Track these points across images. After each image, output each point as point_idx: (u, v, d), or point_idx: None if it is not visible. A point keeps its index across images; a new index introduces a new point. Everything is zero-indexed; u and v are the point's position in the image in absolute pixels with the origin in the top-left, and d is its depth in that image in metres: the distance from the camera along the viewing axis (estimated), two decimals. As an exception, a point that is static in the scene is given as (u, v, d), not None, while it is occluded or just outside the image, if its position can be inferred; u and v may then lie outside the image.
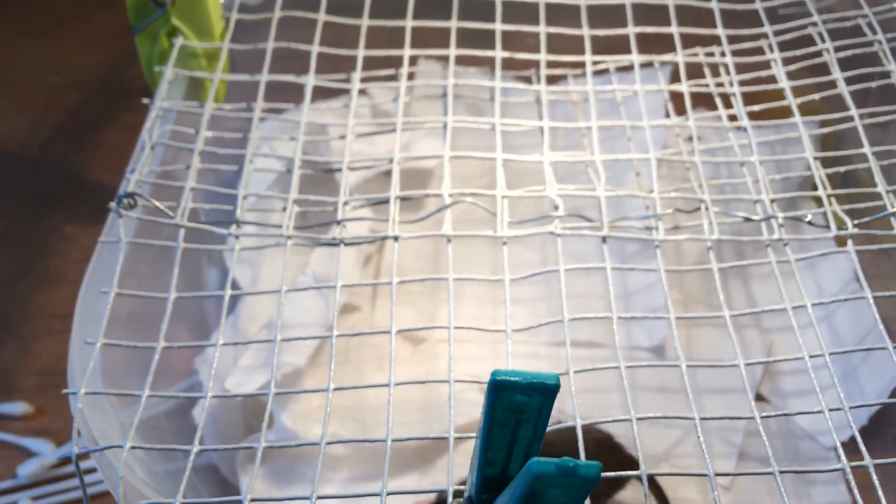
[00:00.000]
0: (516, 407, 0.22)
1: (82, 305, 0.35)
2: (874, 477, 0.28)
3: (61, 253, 0.58)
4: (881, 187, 0.36)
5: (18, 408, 0.51)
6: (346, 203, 0.38)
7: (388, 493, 0.28)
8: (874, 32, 0.42)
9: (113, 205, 0.37)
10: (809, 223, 0.36)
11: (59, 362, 0.53)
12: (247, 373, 0.42)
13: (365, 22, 0.45)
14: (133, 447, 0.30)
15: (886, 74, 0.40)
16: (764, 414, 0.30)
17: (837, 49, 0.42)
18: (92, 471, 0.46)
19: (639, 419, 0.30)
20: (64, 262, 0.58)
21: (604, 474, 0.25)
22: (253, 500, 0.28)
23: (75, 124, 0.67)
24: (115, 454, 0.31)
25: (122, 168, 0.49)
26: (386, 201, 0.38)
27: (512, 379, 0.21)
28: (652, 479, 0.36)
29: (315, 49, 0.44)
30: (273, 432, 0.42)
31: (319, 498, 0.28)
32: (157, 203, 0.36)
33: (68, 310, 0.56)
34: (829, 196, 0.36)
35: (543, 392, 0.21)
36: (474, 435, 0.25)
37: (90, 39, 0.73)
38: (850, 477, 0.28)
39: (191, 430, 0.41)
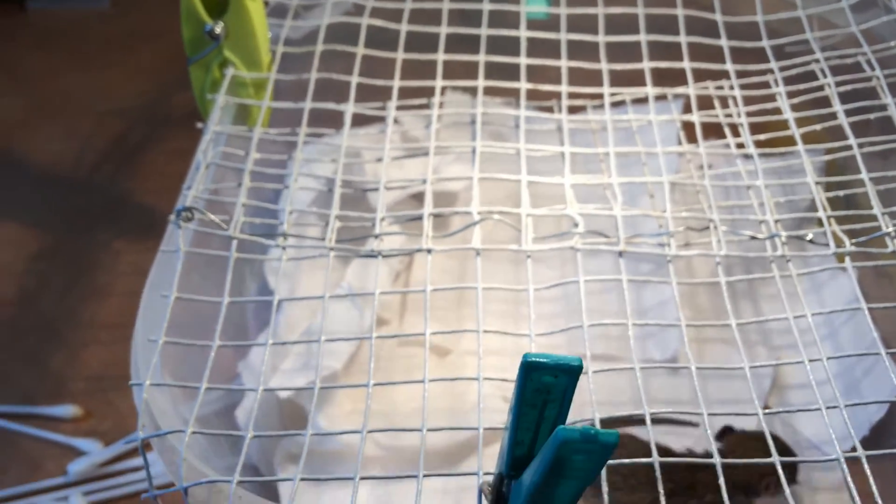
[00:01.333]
0: (544, 388, 0.25)
1: (144, 308, 0.39)
2: (867, 467, 0.30)
3: (108, 267, 0.62)
4: (877, 210, 0.39)
5: (69, 410, 0.55)
6: (382, 219, 0.41)
7: (425, 475, 0.31)
8: (872, 69, 0.45)
9: (172, 217, 0.40)
10: (811, 241, 0.39)
11: (106, 369, 0.56)
12: (288, 375, 0.45)
13: (400, 55, 0.49)
14: (194, 432, 0.33)
15: (884, 107, 0.43)
16: (767, 411, 0.33)
17: (838, 84, 0.45)
18: (139, 469, 0.49)
19: (652, 413, 0.33)
20: (111, 276, 0.62)
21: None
22: (303, 478, 0.31)
23: (121, 149, 0.71)
24: (176, 442, 0.34)
25: (165, 189, 0.53)
26: (419, 218, 0.41)
27: (541, 360, 0.24)
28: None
29: (354, 80, 0.48)
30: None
31: (362, 479, 0.31)
32: (213, 216, 0.40)
33: (116, 320, 0.60)
34: (828, 217, 0.39)
35: (569, 372, 0.24)
36: (503, 426, 0.28)
37: (134, 70, 0.77)
38: (844, 466, 0.30)
39: (235, 429, 0.44)
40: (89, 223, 0.65)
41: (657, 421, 0.34)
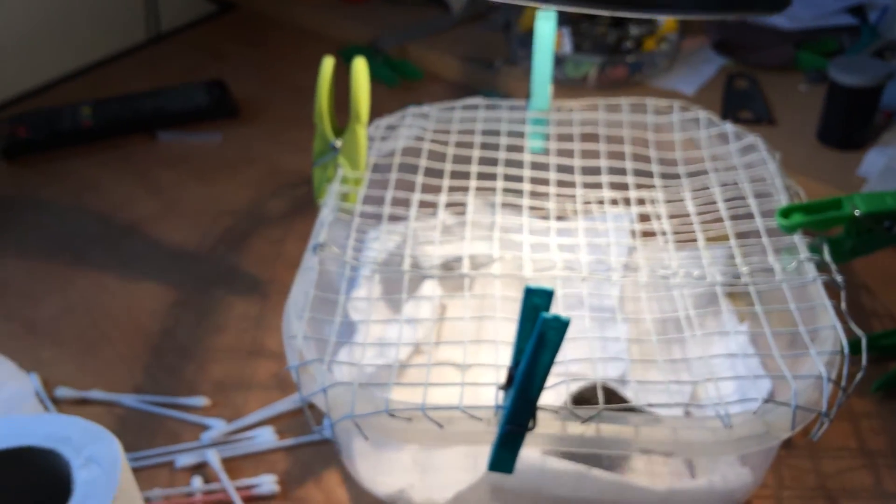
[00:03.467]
0: (535, 307, 0.49)
1: (291, 301, 0.63)
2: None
3: (223, 313, 0.86)
4: (738, 259, 0.64)
5: (200, 401, 0.76)
6: (440, 258, 0.67)
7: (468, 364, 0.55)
8: (742, 183, 0.72)
9: (310, 249, 0.66)
10: (696, 278, 0.64)
11: (226, 377, 0.80)
12: (371, 359, 0.68)
13: (447, 166, 0.76)
14: (329, 360, 0.57)
15: (748, 205, 0.70)
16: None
17: (723, 191, 0.72)
18: (251, 439, 0.71)
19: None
20: (225, 318, 0.86)
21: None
22: (402, 383, 0.55)
23: (230, 236, 0.96)
24: (315, 370, 0.57)
25: (262, 262, 0.80)
26: (459, 259, 0.67)
27: (533, 287, 0.49)
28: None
29: (419, 179, 0.75)
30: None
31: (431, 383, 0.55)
32: (335, 248, 0.65)
33: (230, 346, 0.85)
34: (708, 266, 0.65)
35: (549, 295, 0.49)
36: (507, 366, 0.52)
37: (239, 184, 1.04)
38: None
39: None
40: (209, 284, 0.90)
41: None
